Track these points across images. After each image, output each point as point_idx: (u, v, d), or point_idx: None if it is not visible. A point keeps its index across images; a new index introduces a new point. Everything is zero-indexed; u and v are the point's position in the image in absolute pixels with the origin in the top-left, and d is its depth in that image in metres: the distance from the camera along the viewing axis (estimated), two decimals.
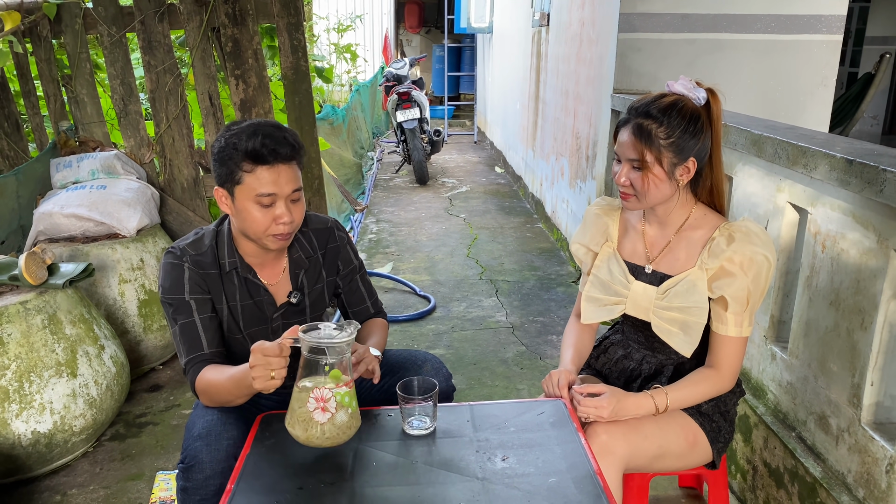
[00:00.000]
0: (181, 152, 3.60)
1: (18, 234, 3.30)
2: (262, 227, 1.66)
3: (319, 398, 1.40)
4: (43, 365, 2.43)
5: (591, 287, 1.89)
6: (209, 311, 1.74)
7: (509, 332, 3.76)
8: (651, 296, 1.77)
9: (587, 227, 1.94)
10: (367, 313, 1.99)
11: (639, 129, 1.64)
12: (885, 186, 1.59)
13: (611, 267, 1.85)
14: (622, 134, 1.70)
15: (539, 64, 6.25)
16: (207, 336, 1.73)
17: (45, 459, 2.50)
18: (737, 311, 1.67)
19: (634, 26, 3.71)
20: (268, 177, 1.62)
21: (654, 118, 1.64)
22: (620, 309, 1.84)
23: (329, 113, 7.11)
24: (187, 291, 1.72)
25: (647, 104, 1.67)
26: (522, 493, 1.38)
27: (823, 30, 3.75)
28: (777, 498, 2.10)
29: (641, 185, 1.67)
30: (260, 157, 1.61)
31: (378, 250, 5.24)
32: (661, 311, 1.76)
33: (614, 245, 1.88)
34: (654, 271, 1.80)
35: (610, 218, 1.91)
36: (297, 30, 3.48)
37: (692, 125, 1.64)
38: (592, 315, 1.89)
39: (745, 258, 1.65)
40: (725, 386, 1.75)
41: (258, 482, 1.44)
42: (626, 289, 1.82)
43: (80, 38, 3.46)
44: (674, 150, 1.64)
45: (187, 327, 1.72)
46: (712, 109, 1.68)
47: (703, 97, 1.67)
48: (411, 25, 14.63)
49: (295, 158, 1.67)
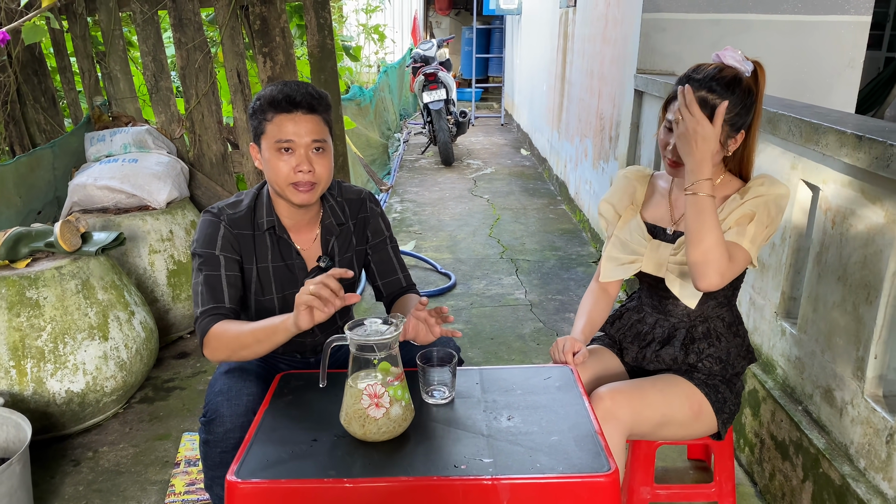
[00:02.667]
0: (210, 128, 3.69)
1: (54, 204, 3.42)
2: (283, 177, 1.71)
3: (373, 395, 1.43)
4: (76, 328, 2.55)
5: (612, 247, 1.96)
6: (236, 270, 1.79)
7: (527, 309, 3.81)
8: (667, 253, 1.83)
9: (616, 188, 2.01)
10: (398, 284, 1.99)
11: (703, 102, 1.66)
12: (892, 161, 1.61)
13: (631, 228, 1.92)
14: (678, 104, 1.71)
15: (566, 45, 6.24)
16: (230, 292, 1.76)
17: (78, 418, 2.62)
18: (740, 223, 1.70)
19: (659, 6, 3.71)
20: (286, 124, 1.68)
21: (718, 94, 1.66)
22: (637, 266, 1.90)
23: (356, 94, 7.18)
24: (219, 247, 1.77)
25: (710, 78, 1.68)
26: (525, 449, 1.44)
27: (851, 11, 3.71)
28: (782, 470, 2.14)
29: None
30: (279, 105, 1.68)
31: (401, 229, 5.31)
32: (674, 265, 1.81)
33: (638, 209, 1.95)
34: (675, 231, 1.85)
35: (639, 183, 1.98)
36: (324, 8, 3.54)
37: (748, 99, 1.69)
38: (610, 273, 1.96)
39: (758, 200, 1.69)
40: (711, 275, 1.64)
41: (275, 434, 1.51)
42: (644, 248, 1.88)
43: (114, 16, 3.55)
44: (731, 124, 1.69)
45: (212, 279, 1.75)
46: (759, 81, 1.71)
47: (751, 69, 1.71)
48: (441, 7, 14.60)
49: (316, 110, 1.71)
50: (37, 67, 3.68)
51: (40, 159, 3.31)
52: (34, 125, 3.70)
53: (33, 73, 3.66)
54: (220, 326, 1.69)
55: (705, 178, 1.63)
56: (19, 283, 2.46)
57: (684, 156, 1.66)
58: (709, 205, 1.63)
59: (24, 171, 3.19)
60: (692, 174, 1.64)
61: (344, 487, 1.33)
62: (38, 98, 3.70)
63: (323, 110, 1.74)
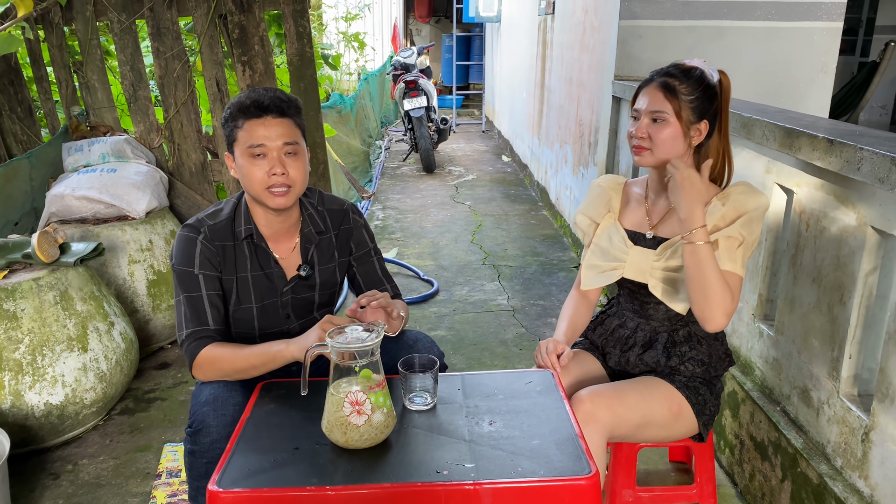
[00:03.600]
0: (189, 137, 3.68)
1: (31, 215, 3.39)
2: (258, 182, 1.72)
3: (355, 402, 1.43)
4: (55, 339, 2.52)
5: (592, 255, 1.98)
6: (216, 288, 1.80)
7: (510, 314, 3.82)
8: (649, 258, 1.85)
9: (591, 199, 2.04)
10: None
11: (664, 84, 1.79)
12: (862, 165, 1.64)
13: (611, 235, 1.94)
14: (643, 94, 1.83)
15: (545, 52, 6.29)
16: (213, 313, 1.77)
17: (57, 431, 2.59)
18: (729, 247, 1.73)
19: (635, 13, 3.75)
20: (257, 129, 1.70)
21: (677, 77, 1.79)
22: (618, 273, 1.92)
23: (337, 101, 7.18)
24: (197, 265, 1.78)
25: (670, 66, 1.83)
26: (506, 453, 1.44)
27: (824, 17, 3.77)
28: (762, 470, 2.17)
29: (659, 136, 1.78)
30: (248, 111, 1.70)
31: (384, 236, 5.31)
32: (658, 271, 1.83)
33: (616, 215, 1.97)
34: (654, 237, 1.88)
35: (613, 191, 2.01)
36: (303, 17, 3.55)
37: (709, 90, 1.78)
38: (592, 281, 1.97)
39: (737, 203, 1.74)
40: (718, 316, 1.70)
41: (257, 443, 1.51)
42: (625, 254, 1.90)
43: (91, 25, 3.53)
44: (692, 108, 1.77)
45: (194, 300, 1.77)
46: (724, 86, 1.81)
47: (716, 76, 1.81)
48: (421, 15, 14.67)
49: (286, 113, 1.73)
50: (13, 77, 3.64)
51: (17, 170, 3.28)
52: (10, 136, 3.67)
53: (9, 83, 3.63)
54: (210, 351, 1.72)
55: (699, 226, 1.69)
56: None
57: (678, 206, 1.73)
58: (707, 253, 1.69)
59: (0, 182, 3.16)
60: (687, 223, 1.71)
61: (326, 495, 1.34)
62: (14, 108, 3.67)
63: (293, 113, 1.75)
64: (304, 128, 1.79)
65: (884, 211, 1.67)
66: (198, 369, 1.74)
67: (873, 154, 1.60)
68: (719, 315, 1.69)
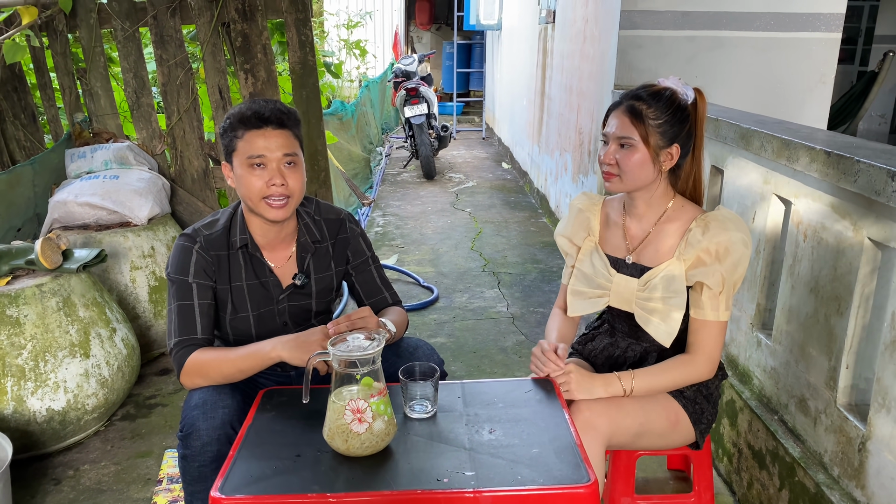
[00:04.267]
0: (192, 144, 3.70)
1: (34, 221, 3.41)
2: (256, 191, 1.74)
3: (356, 410, 1.44)
4: (57, 345, 2.54)
5: (576, 281, 1.95)
6: (209, 298, 1.82)
7: (509, 322, 3.84)
8: (633, 288, 1.84)
9: (570, 220, 2.00)
10: (385, 303, 2.02)
11: (631, 109, 1.74)
12: (859, 177, 1.66)
13: (593, 261, 1.92)
14: (612, 116, 1.79)
15: (545, 60, 6.32)
16: (203, 322, 1.80)
17: (59, 436, 2.60)
18: (713, 296, 1.73)
19: (635, 23, 3.78)
20: (257, 140, 1.73)
21: (645, 101, 1.73)
22: (604, 301, 1.91)
23: (338, 108, 7.20)
24: (191, 274, 1.81)
25: (637, 89, 1.78)
26: (506, 461, 1.46)
27: (822, 28, 3.80)
28: (759, 479, 2.18)
29: (627, 163, 1.74)
30: (249, 122, 1.73)
31: (384, 243, 5.33)
32: (643, 301, 1.82)
33: (596, 239, 1.94)
34: (634, 263, 1.86)
35: (591, 213, 1.97)
36: (305, 25, 3.57)
37: (679, 113, 1.74)
38: (578, 308, 1.95)
39: (720, 245, 1.72)
40: (702, 372, 1.79)
41: (258, 450, 1.52)
42: (609, 281, 1.88)
43: (95, 33, 3.56)
44: (661, 133, 1.73)
45: (185, 309, 1.80)
46: (698, 107, 1.77)
47: (692, 95, 1.76)
48: (422, 22, 14.71)
49: (285, 125, 1.76)
50: (17, 84, 3.67)
51: (20, 176, 3.30)
52: (14, 142, 3.69)
53: (13, 89, 3.66)
54: (197, 356, 1.75)
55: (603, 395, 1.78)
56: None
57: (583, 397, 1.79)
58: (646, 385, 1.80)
59: (3, 188, 3.18)
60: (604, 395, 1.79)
61: (328, 502, 1.35)
62: (17, 115, 3.69)
63: (293, 125, 1.78)
64: (301, 139, 1.82)
65: (881, 223, 1.69)
66: (186, 376, 1.76)
67: (870, 166, 1.62)
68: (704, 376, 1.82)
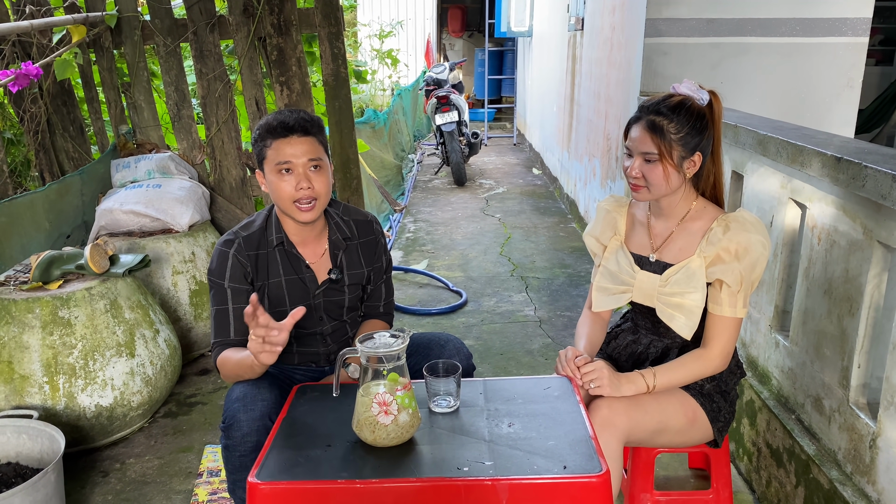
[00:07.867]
0: (230, 154, 3.85)
1: (82, 228, 3.59)
2: (286, 195, 1.88)
3: (382, 402, 1.55)
4: (105, 345, 2.69)
5: (601, 277, 2.05)
6: (243, 301, 1.96)
7: (536, 325, 3.92)
8: (655, 283, 1.93)
9: (598, 221, 2.10)
10: (375, 311, 2.19)
11: (652, 124, 1.81)
12: (867, 182, 1.72)
13: (618, 258, 2.01)
14: (634, 130, 1.87)
15: (574, 67, 6.39)
16: (236, 325, 1.96)
17: (106, 431, 2.76)
18: (731, 293, 1.81)
19: (660, 31, 3.84)
20: (284, 148, 1.86)
21: (665, 115, 1.81)
22: (627, 297, 2.00)
23: (371, 116, 7.35)
24: (227, 278, 1.96)
25: (657, 103, 1.84)
26: (523, 452, 1.55)
27: (849, 32, 3.82)
28: (777, 477, 2.23)
29: (653, 176, 1.83)
30: (275, 132, 1.87)
31: (415, 248, 5.44)
32: (665, 297, 1.91)
33: (622, 238, 2.04)
34: (657, 260, 1.95)
35: (618, 213, 2.07)
36: (338, 38, 3.71)
37: (698, 122, 1.81)
38: (602, 303, 2.05)
39: (739, 245, 1.79)
40: (717, 364, 1.87)
41: (292, 440, 1.64)
42: (633, 278, 1.97)
43: (139, 49, 3.74)
44: (682, 144, 1.81)
45: (221, 313, 1.97)
46: (714, 109, 1.84)
47: (707, 98, 1.84)
48: (454, 29, 14.84)
49: (310, 132, 1.89)
50: (66, 98, 3.86)
51: (69, 186, 3.48)
52: (63, 153, 3.89)
53: (62, 103, 3.85)
54: (222, 356, 1.93)
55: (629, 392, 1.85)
56: (52, 303, 2.61)
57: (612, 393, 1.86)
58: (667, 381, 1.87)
59: (53, 197, 3.36)
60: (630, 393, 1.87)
61: (356, 488, 1.45)
62: (66, 127, 3.89)
63: (316, 132, 1.91)
64: (326, 144, 1.96)
65: (888, 226, 1.74)
66: (220, 371, 1.95)
67: (876, 171, 1.68)
68: (718, 368, 1.89)
